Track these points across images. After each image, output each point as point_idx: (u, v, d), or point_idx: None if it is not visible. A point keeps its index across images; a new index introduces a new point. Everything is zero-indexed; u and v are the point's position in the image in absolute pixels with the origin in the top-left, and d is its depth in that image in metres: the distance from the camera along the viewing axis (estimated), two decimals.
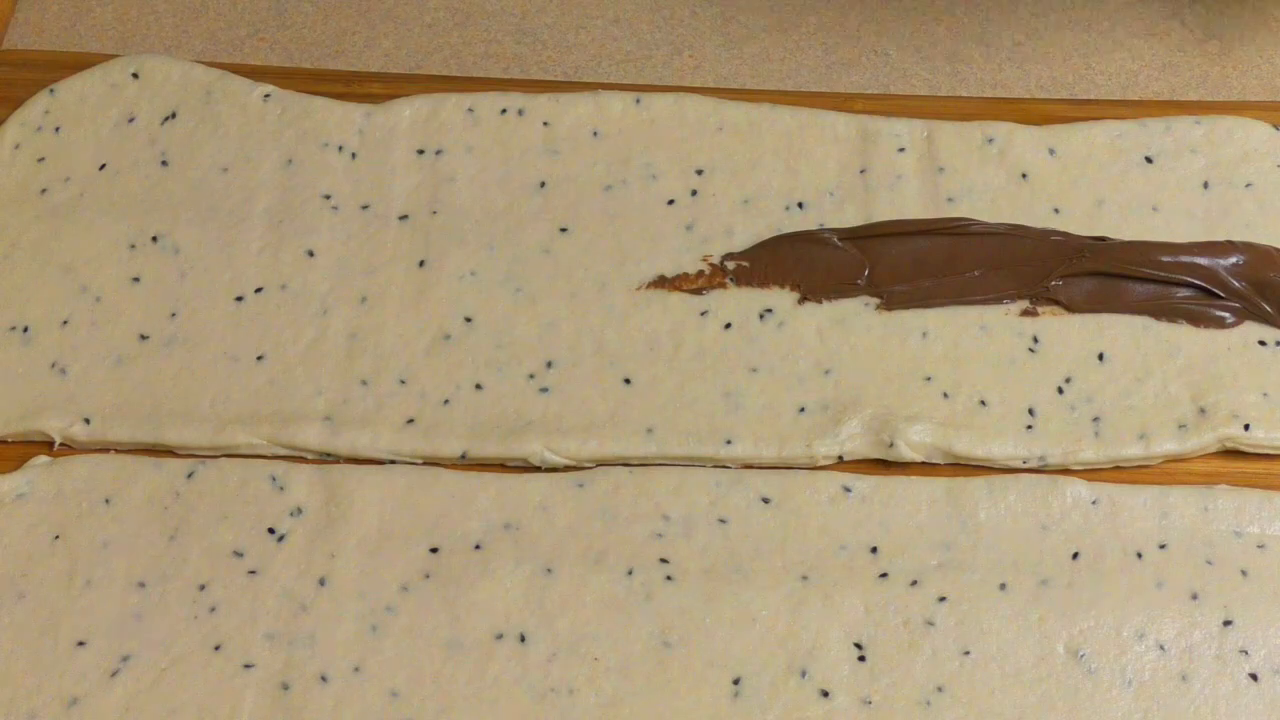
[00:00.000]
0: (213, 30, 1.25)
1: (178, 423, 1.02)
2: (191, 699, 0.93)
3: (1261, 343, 1.05)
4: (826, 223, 1.10)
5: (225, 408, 1.03)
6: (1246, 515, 0.99)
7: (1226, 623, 0.95)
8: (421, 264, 1.09)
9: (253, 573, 0.97)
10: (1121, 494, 1.00)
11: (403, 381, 1.04)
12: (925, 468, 1.02)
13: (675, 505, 0.99)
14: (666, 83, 1.21)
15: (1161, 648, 0.94)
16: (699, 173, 1.13)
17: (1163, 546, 0.98)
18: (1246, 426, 1.01)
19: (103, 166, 1.13)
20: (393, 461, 1.02)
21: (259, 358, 1.05)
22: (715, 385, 1.04)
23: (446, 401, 1.03)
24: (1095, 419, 1.02)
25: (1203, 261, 1.06)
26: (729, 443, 1.01)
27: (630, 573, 0.97)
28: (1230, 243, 1.08)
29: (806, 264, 1.08)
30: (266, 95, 1.16)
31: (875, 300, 1.06)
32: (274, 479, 1.01)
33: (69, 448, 1.03)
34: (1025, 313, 1.06)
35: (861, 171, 1.13)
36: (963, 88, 1.21)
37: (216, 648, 0.95)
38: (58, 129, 1.15)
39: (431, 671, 0.94)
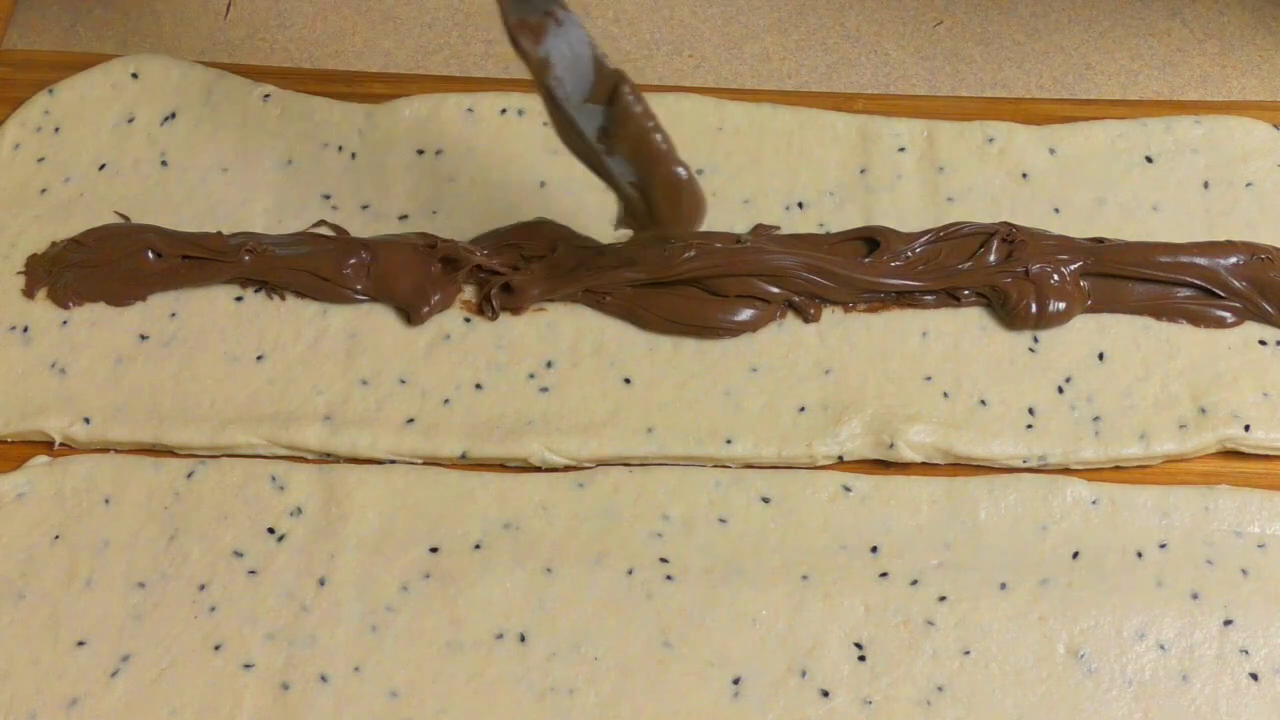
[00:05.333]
0: (213, 30, 1.25)
1: (178, 423, 1.02)
2: (191, 699, 0.93)
3: (1262, 342, 1.05)
4: (827, 222, 1.10)
5: (225, 408, 1.03)
6: (1247, 515, 0.99)
7: (1227, 622, 0.95)
8: None
9: (253, 573, 0.97)
10: (1122, 494, 1.00)
11: (403, 381, 1.04)
12: (925, 468, 1.02)
13: (675, 505, 0.99)
14: (666, 83, 1.21)
15: (1162, 647, 0.94)
16: (699, 173, 1.12)
17: (1163, 546, 0.98)
18: (1247, 427, 1.01)
19: (103, 166, 1.13)
20: (393, 461, 1.02)
21: (259, 358, 1.05)
22: (715, 385, 1.04)
23: (446, 401, 1.03)
24: (1095, 419, 1.02)
25: (1203, 262, 1.06)
26: (729, 443, 1.01)
27: (630, 572, 0.97)
28: (1230, 243, 1.08)
29: None
30: (266, 95, 1.16)
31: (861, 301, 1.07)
32: (274, 479, 1.01)
33: (69, 448, 1.03)
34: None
35: (861, 171, 1.13)
36: (963, 88, 1.21)
37: (216, 648, 0.95)
38: (58, 129, 1.15)
39: (431, 671, 0.94)
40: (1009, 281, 1.05)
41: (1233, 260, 1.06)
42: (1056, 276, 1.05)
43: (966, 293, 1.06)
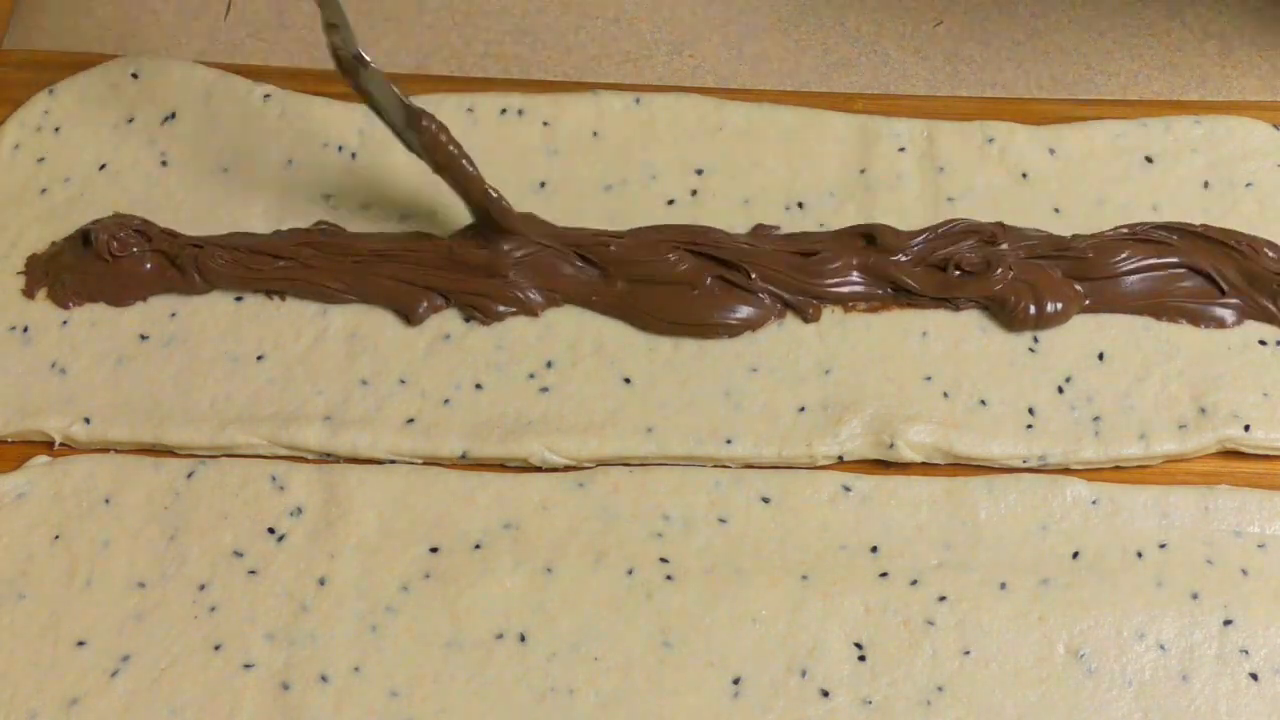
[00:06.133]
0: (213, 30, 1.24)
1: (178, 423, 1.02)
2: (191, 699, 0.93)
3: (1262, 342, 1.05)
4: (826, 223, 1.10)
5: (225, 408, 1.03)
6: (1247, 515, 0.99)
7: (1227, 622, 0.95)
8: None
9: (253, 573, 0.97)
10: (1121, 494, 1.00)
11: (403, 381, 1.04)
12: (925, 467, 1.02)
13: (675, 505, 0.99)
14: (666, 83, 1.21)
15: (1162, 647, 0.94)
16: (699, 173, 1.13)
17: (1163, 546, 0.98)
18: (1247, 427, 1.01)
19: (103, 166, 1.13)
20: (393, 461, 1.02)
21: (259, 358, 1.05)
22: (715, 385, 1.04)
23: (446, 401, 1.03)
24: (1095, 419, 1.02)
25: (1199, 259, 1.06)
26: (729, 443, 1.01)
27: (630, 572, 0.97)
28: (1206, 227, 1.08)
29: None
30: (266, 95, 1.16)
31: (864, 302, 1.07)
32: (274, 479, 1.01)
33: (69, 448, 1.03)
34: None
35: (861, 171, 1.13)
36: (963, 88, 1.21)
37: (216, 648, 0.95)
38: (58, 129, 1.15)
39: (431, 671, 0.94)
40: (1001, 288, 1.05)
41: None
42: (1045, 276, 1.05)
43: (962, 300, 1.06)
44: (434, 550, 0.98)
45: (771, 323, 1.06)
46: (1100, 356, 1.05)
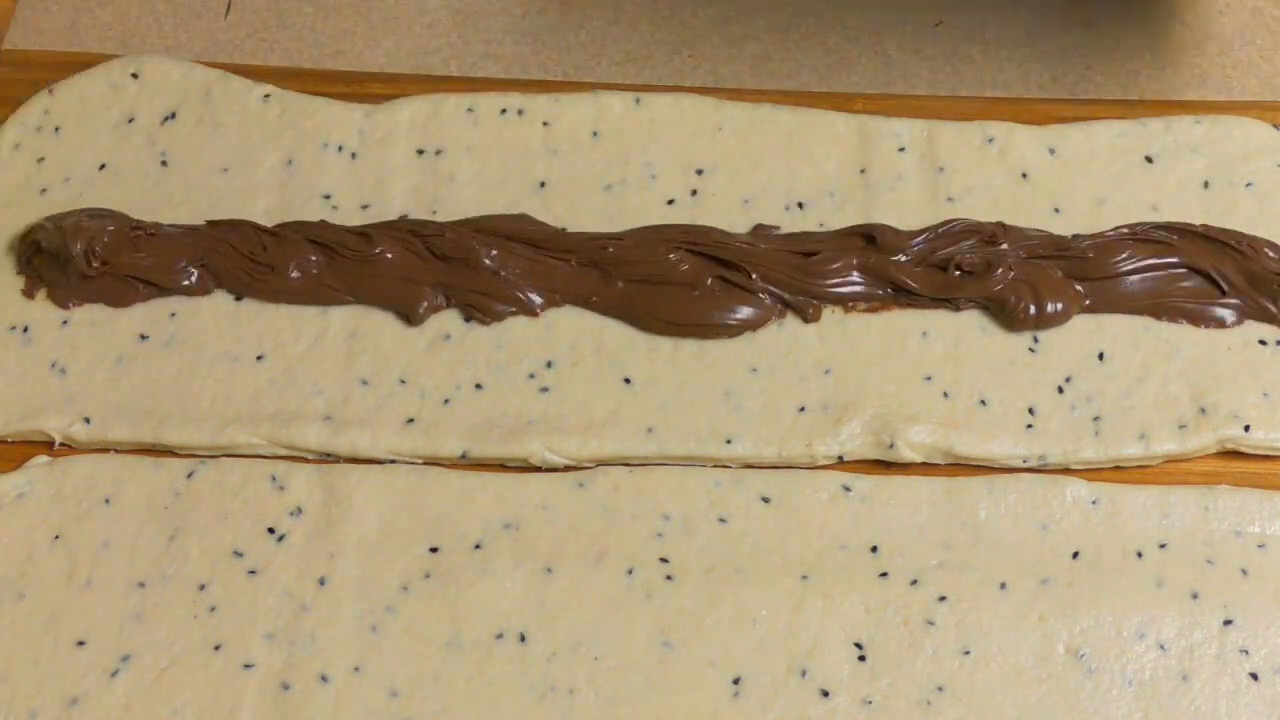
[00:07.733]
0: (213, 30, 1.24)
1: (178, 423, 1.02)
2: (191, 699, 0.93)
3: (1262, 342, 1.05)
4: (826, 223, 1.10)
5: (225, 408, 1.03)
6: (1247, 515, 0.99)
7: (1227, 622, 0.95)
8: None
9: (253, 573, 0.97)
10: (1121, 494, 1.00)
11: (403, 381, 1.04)
12: (925, 467, 1.02)
13: (675, 505, 0.99)
14: (666, 83, 1.21)
15: (1162, 647, 0.94)
16: (699, 173, 1.13)
17: (1163, 546, 0.98)
18: (1247, 427, 1.01)
19: (103, 166, 1.13)
20: (393, 461, 1.02)
21: (259, 358, 1.05)
22: (715, 385, 1.04)
23: (446, 401, 1.03)
24: (1095, 419, 1.02)
25: (1201, 261, 1.06)
26: (729, 443, 1.01)
27: (630, 573, 0.97)
28: (1206, 227, 1.08)
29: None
30: (266, 95, 1.16)
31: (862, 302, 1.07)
32: (274, 479, 1.01)
33: (69, 448, 1.03)
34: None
35: (861, 171, 1.13)
36: (963, 88, 1.21)
37: (216, 648, 0.95)
38: (58, 129, 1.15)
39: (431, 671, 0.94)
40: (1001, 289, 1.05)
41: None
42: (1045, 276, 1.05)
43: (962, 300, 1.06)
44: (434, 550, 0.98)
45: (771, 323, 1.06)
46: (1100, 356, 1.05)
